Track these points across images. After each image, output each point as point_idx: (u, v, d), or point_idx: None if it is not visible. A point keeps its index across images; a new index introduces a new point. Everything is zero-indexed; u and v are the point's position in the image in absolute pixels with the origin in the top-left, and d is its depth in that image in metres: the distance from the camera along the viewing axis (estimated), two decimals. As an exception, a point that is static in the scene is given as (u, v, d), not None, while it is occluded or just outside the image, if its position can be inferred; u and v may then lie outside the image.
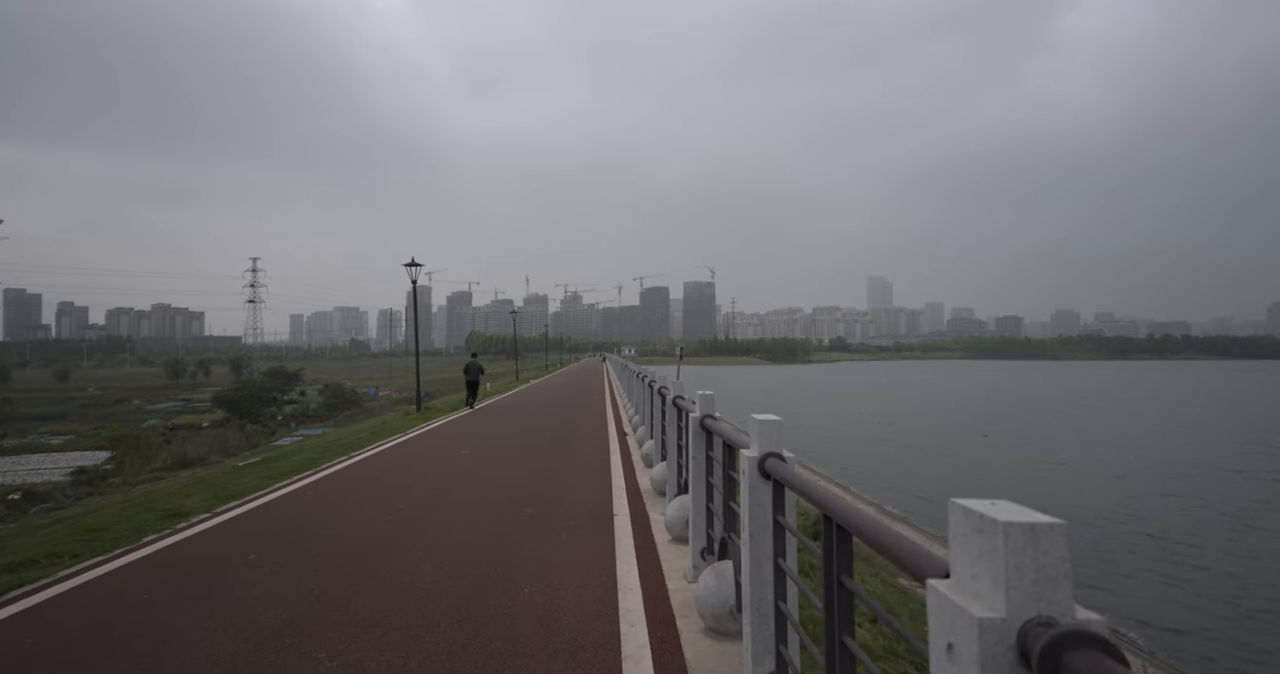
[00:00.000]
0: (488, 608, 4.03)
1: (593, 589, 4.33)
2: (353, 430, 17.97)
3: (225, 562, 5.05)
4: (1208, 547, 12.85)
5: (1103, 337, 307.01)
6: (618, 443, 11.10)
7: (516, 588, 4.35)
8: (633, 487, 7.66)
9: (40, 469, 32.76)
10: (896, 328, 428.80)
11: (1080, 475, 19.41)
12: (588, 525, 5.93)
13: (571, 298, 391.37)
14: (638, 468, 8.88)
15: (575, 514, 6.36)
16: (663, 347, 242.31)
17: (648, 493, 7.31)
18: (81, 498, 22.61)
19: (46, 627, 3.97)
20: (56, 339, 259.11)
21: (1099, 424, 33.56)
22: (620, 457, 9.72)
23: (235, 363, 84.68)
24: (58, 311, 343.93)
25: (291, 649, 3.52)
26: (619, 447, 10.69)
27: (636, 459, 9.60)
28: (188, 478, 14.58)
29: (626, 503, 6.79)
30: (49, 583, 4.75)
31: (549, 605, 4.06)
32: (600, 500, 6.93)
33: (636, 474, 8.45)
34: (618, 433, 12.46)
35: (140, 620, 3.98)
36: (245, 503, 7.12)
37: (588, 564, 4.85)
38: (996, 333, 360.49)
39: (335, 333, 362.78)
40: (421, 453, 10.66)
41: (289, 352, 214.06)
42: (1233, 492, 17.55)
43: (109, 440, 37.16)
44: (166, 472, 26.60)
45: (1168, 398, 52.30)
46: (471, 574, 4.64)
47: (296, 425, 42.29)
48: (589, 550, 5.19)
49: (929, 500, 15.41)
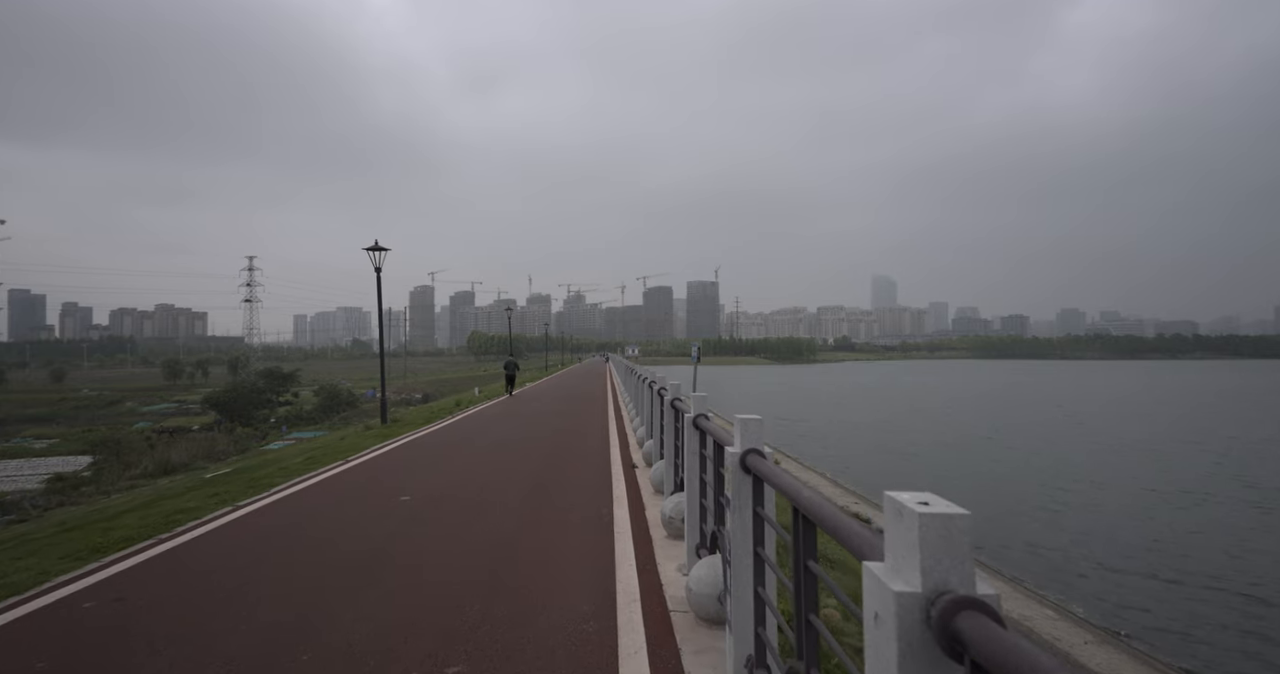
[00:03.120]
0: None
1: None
2: (296, 450, 15.09)
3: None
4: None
5: (1110, 336, 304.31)
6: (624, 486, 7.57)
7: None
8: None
9: (17, 476, 31.36)
10: (901, 327, 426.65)
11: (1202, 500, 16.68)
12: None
13: (574, 298, 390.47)
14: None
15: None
16: (666, 347, 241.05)
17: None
18: (50, 509, 21.19)
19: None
20: (59, 340, 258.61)
21: (1170, 433, 30.83)
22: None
23: (233, 363, 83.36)
24: (62, 312, 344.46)
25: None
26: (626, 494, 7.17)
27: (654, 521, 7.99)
28: (134, 497, 13.08)
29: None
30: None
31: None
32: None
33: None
34: (623, 463, 8.95)
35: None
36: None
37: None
38: (1002, 332, 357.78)
39: (338, 333, 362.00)
40: (345, 498, 7.22)
41: (291, 352, 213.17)
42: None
43: (91, 445, 35.76)
44: (146, 479, 25.11)
45: (1217, 401, 49.45)
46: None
47: (288, 429, 40.86)
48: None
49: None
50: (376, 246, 15.52)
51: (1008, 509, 15.25)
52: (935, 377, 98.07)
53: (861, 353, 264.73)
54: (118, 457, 31.27)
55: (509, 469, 8.82)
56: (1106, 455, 23.38)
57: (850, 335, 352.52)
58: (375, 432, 15.14)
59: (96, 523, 8.17)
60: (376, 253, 15.55)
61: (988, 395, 56.10)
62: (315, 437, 29.10)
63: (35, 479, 29.18)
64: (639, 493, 7.18)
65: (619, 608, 3.92)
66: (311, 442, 20.92)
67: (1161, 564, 11.64)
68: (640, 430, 10.94)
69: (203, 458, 29.06)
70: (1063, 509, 15.60)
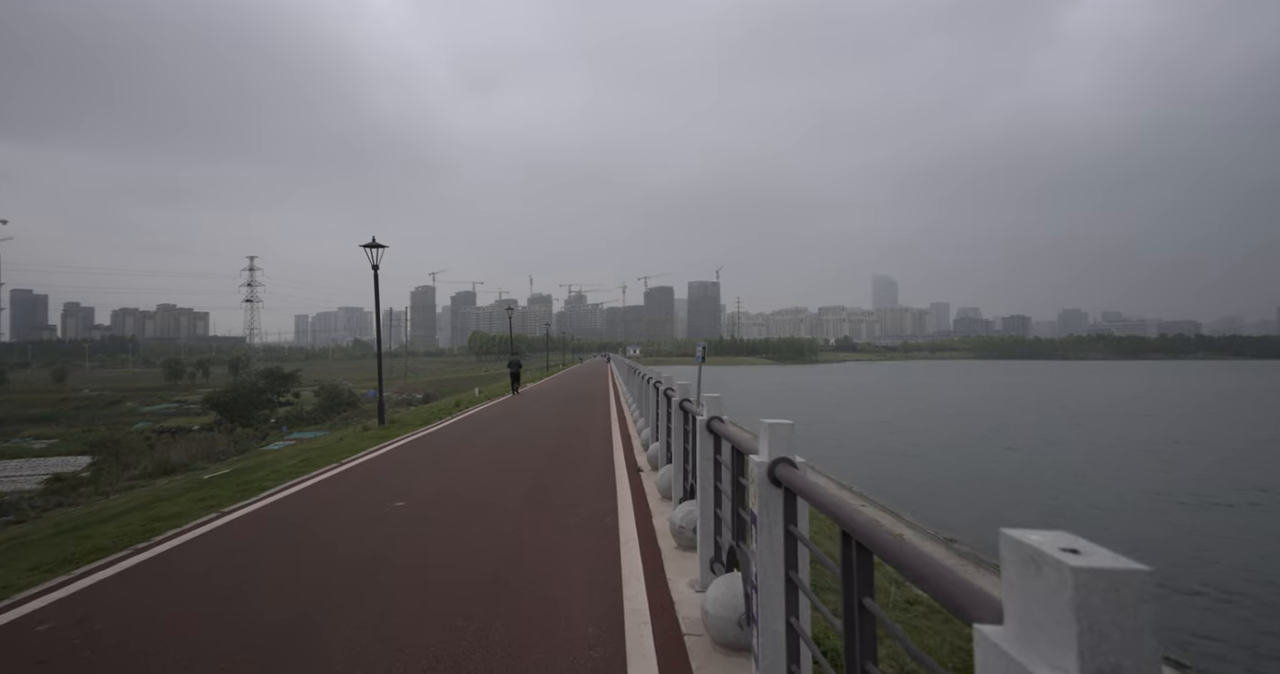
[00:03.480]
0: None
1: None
2: (292, 452, 14.64)
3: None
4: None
5: (1113, 336, 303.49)
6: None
7: None
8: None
9: (16, 476, 31.20)
10: (902, 328, 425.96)
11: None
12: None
13: (576, 298, 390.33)
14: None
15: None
16: (668, 347, 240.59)
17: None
18: (49, 509, 20.99)
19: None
20: (61, 340, 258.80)
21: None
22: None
23: (234, 363, 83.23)
24: (64, 312, 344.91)
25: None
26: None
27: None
28: (130, 499, 12.85)
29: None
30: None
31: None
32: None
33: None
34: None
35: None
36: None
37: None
38: (1004, 333, 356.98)
39: (339, 333, 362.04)
40: (334, 504, 6.90)
41: (292, 352, 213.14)
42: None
43: (91, 445, 35.56)
44: (145, 479, 24.96)
45: (1239, 403, 48.48)
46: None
47: (288, 429, 40.65)
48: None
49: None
50: (374, 243, 15.09)
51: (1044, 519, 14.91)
52: (939, 377, 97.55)
53: (863, 353, 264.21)
54: (117, 457, 31.09)
55: (510, 470, 8.60)
56: (1140, 458, 22.74)
57: (851, 336, 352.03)
58: (373, 433, 14.76)
59: (87, 526, 7.92)
60: (373, 250, 15.12)
61: (996, 397, 55.71)
62: (315, 437, 28.87)
63: (34, 479, 29.01)
64: (645, 499, 6.89)
65: (627, 629, 3.58)
66: (310, 442, 20.62)
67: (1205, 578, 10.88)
68: (645, 432, 10.69)
69: (202, 458, 28.88)
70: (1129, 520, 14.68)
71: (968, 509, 14.75)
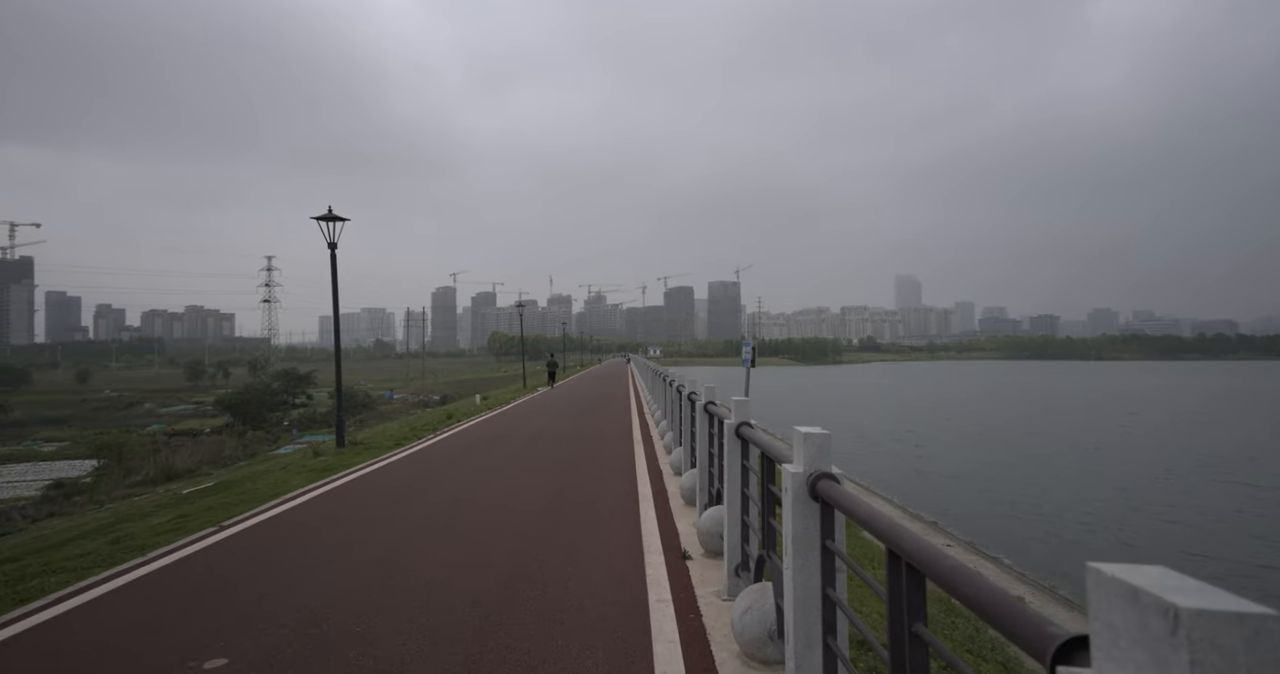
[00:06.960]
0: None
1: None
2: (242, 475, 12.09)
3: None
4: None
5: (1147, 336, 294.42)
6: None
7: None
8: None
9: (20, 481, 30.24)
10: (927, 328, 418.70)
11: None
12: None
13: (595, 298, 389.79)
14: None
15: None
16: (688, 347, 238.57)
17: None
18: (40, 520, 19.68)
19: None
20: (93, 340, 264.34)
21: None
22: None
23: (253, 364, 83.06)
24: (96, 314, 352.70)
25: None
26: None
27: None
28: (95, 519, 11.33)
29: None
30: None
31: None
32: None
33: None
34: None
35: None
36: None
37: None
38: (1032, 332, 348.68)
39: (362, 334, 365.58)
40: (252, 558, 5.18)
41: (314, 352, 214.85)
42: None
43: (98, 449, 34.60)
44: (146, 486, 23.68)
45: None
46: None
47: (299, 432, 39.44)
48: None
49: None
50: (330, 215, 11.71)
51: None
52: (971, 378, 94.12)
53: (888, 353, 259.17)
54: (119, 462, 30.01)
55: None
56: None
57: (875, 336, 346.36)
58: (315, 464, 10.55)
59: (29, 555, 6.75)
60: (330, 225, 11.81)
61: (1051, 403, 52.73)
62: (324, 441, 27.47)
63: (37, 485, 27.98)
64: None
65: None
66: (238, 470, 15.89)
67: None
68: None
69: (208, 463, 27.65)
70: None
71: (1065, 546, 12.62)
